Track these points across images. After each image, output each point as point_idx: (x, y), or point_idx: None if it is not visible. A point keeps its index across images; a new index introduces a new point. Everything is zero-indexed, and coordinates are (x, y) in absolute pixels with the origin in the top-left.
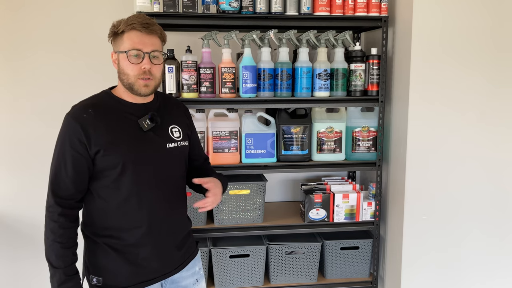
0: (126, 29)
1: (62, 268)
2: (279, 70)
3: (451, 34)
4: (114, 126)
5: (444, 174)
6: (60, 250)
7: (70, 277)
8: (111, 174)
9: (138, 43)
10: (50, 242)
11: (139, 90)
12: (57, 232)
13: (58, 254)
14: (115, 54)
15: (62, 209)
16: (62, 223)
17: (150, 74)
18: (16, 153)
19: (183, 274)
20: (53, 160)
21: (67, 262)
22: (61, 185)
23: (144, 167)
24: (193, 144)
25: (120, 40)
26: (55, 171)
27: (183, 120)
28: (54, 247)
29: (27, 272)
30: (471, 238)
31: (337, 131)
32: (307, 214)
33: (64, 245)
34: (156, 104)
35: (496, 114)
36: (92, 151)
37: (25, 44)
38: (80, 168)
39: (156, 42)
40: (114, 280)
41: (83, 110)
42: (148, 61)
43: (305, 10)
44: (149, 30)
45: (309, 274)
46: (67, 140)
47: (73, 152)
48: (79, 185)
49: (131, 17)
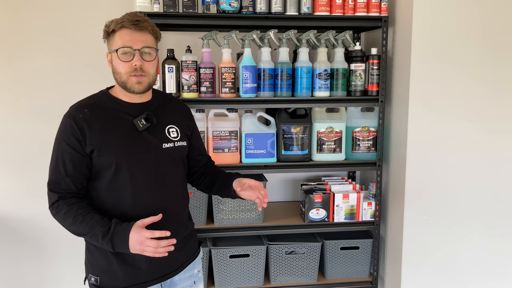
0: (116, 27)
1: (97, 227)
2: (279, 70)
3: (451, 34)
4: (109, 126)
5: (444, 174)
6: (85, 216)
7: (109, 225)
8: (107, 175)
9: (128, 40)
10: (71, 221)
11: (132, 87)
12: (71, 210)
13: (86, 222)
14: (109, 54)
15: (66, 200)
16: (70, 203)
17: (142, 71)
18: (16, 153)
19: (181, 276)
20: (51, 160)
21: (98, 219)
22: (61, 184)
23: (139, 167)
24: (194, 145)
25: (112, 40)
26: (54, 170)
27: (183, 120)
28: (77, 222)
29: (27, 272)
30: (471, 238)
31: (337, 131)
32: (307, 214)
33: (84, 213)
34: (154, 104)
35: (496, 114)
36: (88, 150)
37: (25, 45)
38: (79, 167)
39: (147, 39)
40: (111, 280)
41: (79, 110)
42: (138, 58)
43: (305, 10)
44: (139, 27)
45: (309, 274)
46: (63, 139)
47: (70, 149)
48: (78, 183)
49: (122, 16)
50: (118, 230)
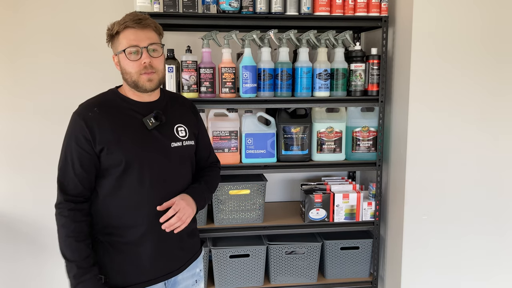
0: (120, 29)
1: (78, 261)
2: (279, 70)
3: (451, 33)
4: (119, 125)
5: (444, 174)
6: (74, 243)
7: (86, 269)
8: (115, 172)
9: (134, 39)
10: (63, 237)
11: (144, 85)
12: (69, 227)
13: (73, 248)
14: (115, 56)
15: (72, 205)
16: (73, 218)
17: (152, 67)
18: (16, 152)
19: (184, 275)
20: (60, 158)
21: (82, 255)
22: (70, 183)
23: (147, 166)
24: (201, 145)
25: (117, 41)
26: (63, 169)
27: (190, 118)
28: (67, 241)
29: (27, 272)
30: (471, 238)
31: (337, 131)
32: (307, 214)
33: (77, 238)
34: (162, 103)
35: (497, 114)
36: (97, 149)
37: (25, 43)
38: (87, 166)
39: (152, 36)
40: (115, 278)
41: (89, 108)
42: (147, 55)
43: (305, 10)
44: (142, 25)
45: (309, 274)
46: (73, 138)
47: (80, 149)
48: (86, 183)
49: (123, 17)
50: (87, 285)
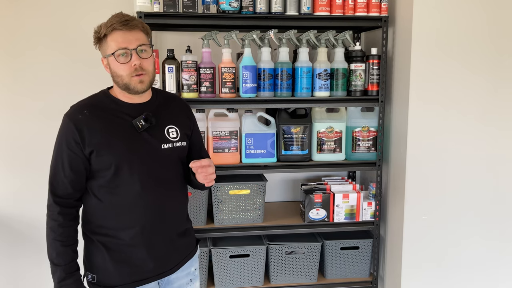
0: (107, 31)
1: (62, 266)
2: (279, 70)
3: (451, 33)
4: (109, 127)
5: (444, 174)
6: (60, 248)
7: (70, 274)
8: (106, 175)
9: (122, 42)
10: (50, 240)
11: (136, 87)
12: (57, 231)
13: (59, 252)
14: (104, 59)
15: (61, 208)
16: (61, 222)
17: (142, 69)
18: (16, 152)
19: (178, 274)
20: (52, 160)
21: (67, 260)
22: (59, 184)
23: (138, 168)
24: (193, 146)
25: (105, 44)
26: (53, 171)
27: (183, 120)
28: (54, 245)
29: (27, 272)
30: (471, 238)
31: (337, 131)
32: (307, 214)
33: (64, 243)
34: (154, 104)
35: (497, 114)
36: (87, 151)
37: (25, 43)
38: (77, 168)
39: (140, 37)
40: (107, 278)
41: (79, 111)
42: (136, 57)
43: (305, 10)
44: (129, 27)
45: (309, 274)
46: (63, 140)
47: (70, 152)
48: (76, 184)
49: (109, 19)
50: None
